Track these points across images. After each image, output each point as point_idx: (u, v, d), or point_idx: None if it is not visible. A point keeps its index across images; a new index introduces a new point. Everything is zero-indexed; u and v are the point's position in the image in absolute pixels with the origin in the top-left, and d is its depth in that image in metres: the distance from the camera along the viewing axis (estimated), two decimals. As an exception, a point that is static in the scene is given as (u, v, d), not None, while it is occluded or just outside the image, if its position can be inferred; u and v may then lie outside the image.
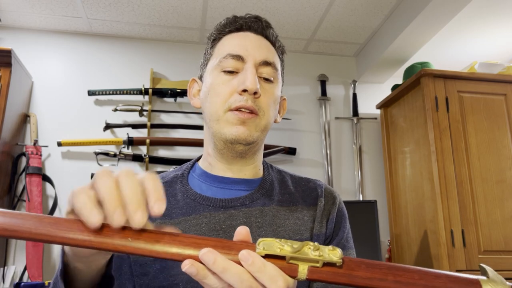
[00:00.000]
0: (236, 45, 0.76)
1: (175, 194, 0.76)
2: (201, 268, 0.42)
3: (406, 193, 2.32)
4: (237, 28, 0.79)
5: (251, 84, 0.71)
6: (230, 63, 0.74)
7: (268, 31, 0.80)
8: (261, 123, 0.74)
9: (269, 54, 0.77)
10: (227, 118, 0.72)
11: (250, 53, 0.74)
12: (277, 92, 0.78)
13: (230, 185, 0.76)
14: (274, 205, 0.76)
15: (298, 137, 2.68)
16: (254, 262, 0.42)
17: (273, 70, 0.76)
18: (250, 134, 0.72)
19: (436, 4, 2.05)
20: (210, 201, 0.74)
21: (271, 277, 0.41)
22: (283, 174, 0.84)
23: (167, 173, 0.83)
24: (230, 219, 0.72)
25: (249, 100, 0.71)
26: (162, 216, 0.73)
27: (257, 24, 0.79)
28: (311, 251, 0.41)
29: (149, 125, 2.45)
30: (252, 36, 0.78)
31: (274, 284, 0.41)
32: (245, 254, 0.42)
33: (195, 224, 0.71)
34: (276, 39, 0.82)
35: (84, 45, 2.59)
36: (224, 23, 0.80)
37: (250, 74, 0.72)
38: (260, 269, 0.41)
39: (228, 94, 0.73)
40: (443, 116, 2.08)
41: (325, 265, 0.41)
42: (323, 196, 0.80)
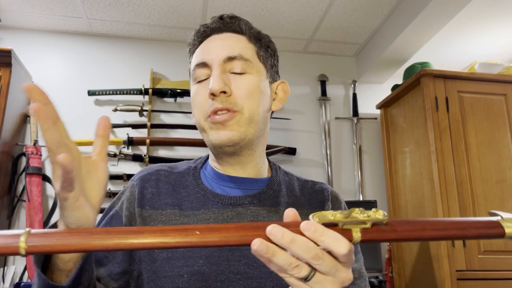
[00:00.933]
0: (199, 54, 0.77)
1: (187, 186, 0.78)
2: (270, 245, 0.43)
3: (406, 193, 2.32)
4: (204, 36, 0.79)
5: (213, 86, 0.70)
6: (198, 72, 0.75)
7: (235, 25, 0.78)
8: (243, 118, 0.72)
9: (232, 49, 0.75)
10: (209, 126, 0.73)
11: (213, 57, 0.74)
12: (253, 82, 0.75)
13: (238, 183, 0.77)
14: (281, 207, 0.77)
15: (298, 137, 2.68)
16: (317, 229, 0.44)
17: (241, 62, 0.74)
18: (233, 133, 0.71)
19: (436, 4, 2.05)
20: (219, 198, 0.75)
21: (334, 239, 0.44)
22: (290, 176, 0.85)
23: (181, 164, 0.84)
24: (238, 217, 0.73)
25: (219, 101, 0.71)
26: (173, 206, 0.74)
27: (220, 23, 0.78)
28: (359, 215, 0.45)
29: (149, 125, 2.45)
30: (216, 37, 0.77)
31: (339, 244, 0.44)
32: (306, 223, 0.44)
33: (203, 219, 0.72)
34: (246, 27, 0.79)
35: (84, 45, 2.59)
36: (193, 34, 0.80)
37: (213, 76, 0.72)
38: (323, 233, 0.44)
39: (204, 103, 0.73)
40: (443, 116, 2.08)
41: (373, 226, 0.45)
42: (330, 200, 0.82)
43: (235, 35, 0.78)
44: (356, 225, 0.45)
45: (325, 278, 0.45)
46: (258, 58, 0.78)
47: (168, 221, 0.72)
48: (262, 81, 0.77)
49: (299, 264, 0.44)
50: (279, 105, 0.82)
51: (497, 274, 1.90)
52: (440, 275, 1.91)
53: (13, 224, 2.23)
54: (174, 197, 0.75)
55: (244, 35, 0.78)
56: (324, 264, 0.44)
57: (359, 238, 0.45)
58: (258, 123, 0.75)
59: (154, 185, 0.77)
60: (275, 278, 0.69)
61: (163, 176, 0.78)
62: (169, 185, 0.77)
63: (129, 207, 0.75)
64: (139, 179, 0.78)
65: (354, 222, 0.45)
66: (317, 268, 0.45)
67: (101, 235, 0.42)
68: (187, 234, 0.43)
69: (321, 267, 0.44)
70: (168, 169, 0.80)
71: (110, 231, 0.43)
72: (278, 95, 0.82)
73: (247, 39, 0.78)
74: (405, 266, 2.29)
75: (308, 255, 0.44)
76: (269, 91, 0.79)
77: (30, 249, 0.40)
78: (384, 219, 0.45)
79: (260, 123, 0.75)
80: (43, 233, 0.41)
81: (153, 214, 0.73)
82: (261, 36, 0.81)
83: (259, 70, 0.77)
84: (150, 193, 0.76)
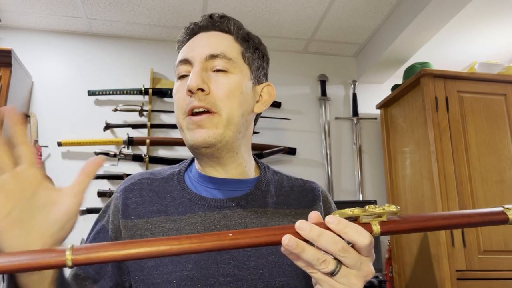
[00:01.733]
0: (184, 51, 0.75)
1: (171, 191, 0.76)
2: (299, 241, 0.46)
3: (406, 193, 2.32)
4: (192, 33, 0.78)
5: (191, 82, 0.69)
6: (180, 69, 0.74)
7: (223, 24, 0.77)
8: (221, 120, 0.70)
9: (216, 47, 0.73)
10: (185, 125, 0.71)
11: (195, 54, 0.73)
12: (235, 81, 0.73)
13: (225, 185, 0.76)
14: (269, 207, 0.76)
15: (298, 137, 2.68)
16: (340, 221, 0.47)
17: (225, 60, 0.72)
18: (208, 135, 0.69)
19: (436, 4, 2.05)
20: (205, 201, 0.74)
21: (357, 230, 0.47)
22: (279, 175, 0.84)
23: (164, 169, 0.83)
24: (225, 219, 0.72)
25: (197, 99, 0.69)
26: (158, 213, 0.73)
27: (208, 22, 0.77)
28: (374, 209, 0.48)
29: (149, 125, 2.45)
30: (202, 35, 0.76)
31: (362, 236, 0.46)
32: (330, 217, 0.47)
33: (189, 223, 0.71)
34: (235, 28, 0.77)
35: (84, 45, 2.59)
36: (182, 32, 0.80)
37: (192, 73, 0.71)
38: (346, 225, 0.46)
39: (182, 100, 0.72)
40: (443, 116, 2.08)
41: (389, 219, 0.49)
42: (321, 200, 0.81)
43: (221, 34, 0.76)
44: (374, 218, 0.48)
45: (350, 272, 0.48)
46: (243, 58, 0.76)
47: (154, 228, 0.71)
48: (244, 82, 0.74)
49: (326, 259, 0.47)
50: (263, 108, 0.79)
51: (497, 274, 1.90)
52: (440, 275, 1.91)
53: (13, 224, 2.23)
54: (159, 203, 0.74)
55: (231, 35, 0.77)
56: (349, 257, 0.47)
57: (378, 230, 0.48)
58: (237, 125, 0.72)
59: (138, 194, 0.75)
60: (265, 279, 0.68)
61: (146, 184, 0.77)
62: (152, 192, 0.76)
63: (113, 220, 0.74)
64: (121, 190, 0.77)
65: (372, 214, 0.48)
66: (343, 261, 0.47)
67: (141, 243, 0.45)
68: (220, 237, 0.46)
69: (347, 260, 0.47)
70: (150, 176, 0.79)
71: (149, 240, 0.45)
72: (263, 98, 0.79)
73: (234, 39, 0.76)
74: (405, 266, 2.29)
75: (335, 247, 0.46)
76: (252, 92, 0.76)
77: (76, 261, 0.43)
78: (398, 211, 0.48)
79: (240, 125, 0.73)
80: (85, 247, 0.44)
81: (138, 223, 0.72)
82: (250, 37, 0.79)
83: (242, 70, 0.75)
84: (134, 203, 0.74)
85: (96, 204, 2.30)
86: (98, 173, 2.34)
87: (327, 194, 0.85)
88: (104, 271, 0.72)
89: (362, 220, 0.48)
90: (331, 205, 0.83)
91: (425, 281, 2.07)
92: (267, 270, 0.69)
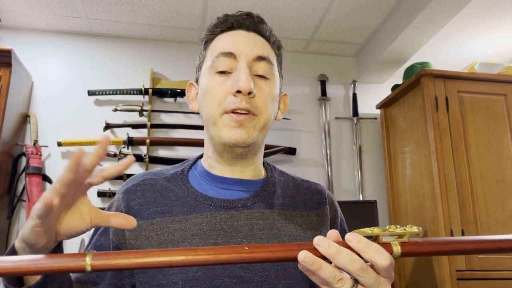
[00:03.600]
0: (227, 43, 0.74)
1: (175, 190, 0.76)
2: (316, 257, 0.45)
3: (406, 193, 2.32)
4: (228, 27, 0.77)
5: (245, 84, 0.68)
6: (222, 62, 0.72)
7: (261, 27, 0.78)
8: (259, 123, 0.72)
9: (262, 49, 0.74)
10: (223, 121, 0.71)
11: (242, 50, 0.72)
12: (274, 89, 0.75)
13: (232, 185, 0.75)
14: (275, 209, 0.75)
15: (298, 137, 2.68)
16: (361, 240, 0.45)
17: (268, 65, 0.74)
18: (248, 136, 0.70)
19: (436, 4, 2.05)
20: (212, 201, 0.73)
21: (378, 251, 0.45)
22: (285, 176, 0.83)
23: (167, 168, 0.82)
24: (231, 220, 0.71)
25: (244, 101, 0.69)
26: (162, 214, 0.73)
27: (248, 21, 0.77)
28: (395, 229, 0.46)
29: (149, 125, 2.45)
30: (243, 33, 0.76)
31: (381, 257, 0.45)
32: (350, 235, 0.46)
33: (195, 223, 0.71)
34: (271, 34, 0.79)
35: (84, 45, 2.59)
36: (215, 23, 0.78)
37: (243, 73, 0.70)
38: (367, 244, 0.45)
39: (223, 96, 0.71)
40: (443, 116, 2.08)
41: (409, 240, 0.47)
42: (327, 204, 0.81)
43: (261, 38, 0.77)
44: (395, 239, 0.46)
45: None
46: (277, 66, 0.78)
47: (159, 229, 0.71)
48: (277, 90, 0.77)
49: (343, 277, 0.45)
50: (280, 116, 0.82)
51: (497, 274, 1.90)
52: (440, 275, 1.91)
53: (13, 224, 2.23)
54: (163, 204, 0.74)
55: (268, 41, 0.78)
56: (367, 276, 0.45)
57: (399, 251, 0.46)
58: (268, 130, 0.75)
59: (141, 195, 0.75)
60: (271, 281, 0.68)
61: (148, 185, 0.76)
62: (156, 193, 0.75)
63: None
64: (124, 192, 0.76)
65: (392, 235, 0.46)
66: (361, 281, 0.45)
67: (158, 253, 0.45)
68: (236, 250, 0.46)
69: (365, 280, 0.45)
70: (153, 177, 0.78)
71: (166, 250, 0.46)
72: (280, 106, 0.82)
73: (270, 46, 0.78)
74: (405, 266, 2.29)
75: (353, 266, 0.45)
76: (278, 100, 0.79)
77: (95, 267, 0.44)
78: (420, 232, 0.46)
79: (268, 130, 0.76)
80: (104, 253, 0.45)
81: (143, 224, 0.72)
82: (280, 45, 0.81)
83: (277, 78, 0.77)
84: (137, 204, 0.74)
85: (96, 204, 2.30)
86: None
87: (333, 197, 0.85)
88: (105, 274, 0.72)
89: (382, 240, 0.47)
90: (337, 208, 0.83)
91: (425, 281, 2.07)
92: (273, 272, 0.68)
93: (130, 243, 0.71)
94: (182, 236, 0.70)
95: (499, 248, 0.48)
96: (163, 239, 0.70)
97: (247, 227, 0.71)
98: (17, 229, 2.23)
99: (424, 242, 0.47)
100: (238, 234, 0.70)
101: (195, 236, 0.69)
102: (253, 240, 0.70)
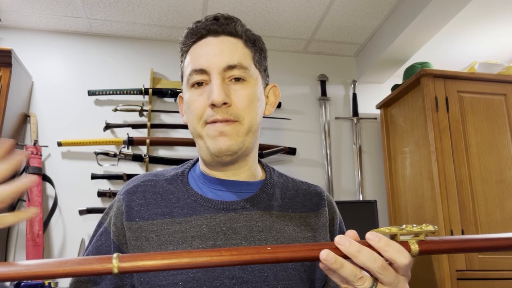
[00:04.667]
0: (198, 57, 0.73)
1: (175, 192, 0.76)
2: (338, 256, 0.46)
3: (406, 193, 2.32)
4: (199, 36, 0.75)
5: (216, 98, 0.68)
6: (195, 78, 0.73)
7: (230, 27, 0.75)
8: (242, 128, 0.71)
9: (232, 56, 0.72)
10: (206, 132, 0.71)
11: (212, 62, 0.71)
12: (252, 89, 0.74)
13: (230, 187, 0.76)
14: (274, 211, 0.75)
15: (298, 137, 2.68)
16: (381, 239, 0.46)
17: (242, 70, 0.73)
18: (232, 143, 0.70)
19: (436, 4, 2.05)
20: (211, 203, 0.73)
21: (398, 250, 0.46)
22: (284, 178, 0.84)
23: (167, 170, 0.82)
24: (231, 222, 0.72)
25: (220, 113, 0.70)
26: (163, 215, 0.73)
27: (216, 25, 0.75)
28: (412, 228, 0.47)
29: (149, 125, 2.45)
30: (212, 41, 0.74)
31: (402, 255, 0.46)
32: (371, 234, 0.47)
33: (195, 225, 0.71)
34: (242, 31, 0.76)
35: (84, 45, 2.59)
36: (186, 33, 0.77)
37: (214, 86, 0.70)
38: (387, 243, 0.46)
39: (201, 110, 0.71)
40: (443, 116, 2.08)
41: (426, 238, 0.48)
42: (326, 205, 0.81)
43: (232, 39, 0.75)
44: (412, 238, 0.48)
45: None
46: (254, 64, 0.76)
47: (159, 231, 0.71)
48: (258, 88, 0.76)
49: (363, 275, 0.46)
50: (271, 110, 0.81)
51: (497, 274, 1.90)
52: (440, 275, 1.91)
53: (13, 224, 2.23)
54: (164, 205, 0.74)
55: (241, 39, 0.76)
56: (387, 275, 0.46)
57: (417, 249, 0.47)
58: (256, 132, 0.75)
59: (141, 196, 0.75)
60: (270, 282, 0.68)
61: (149, 186, 0.77)
62: (156, 194, 0.76)
63: (116, 223, 0.74)
64: (125, 193, 0.77)
65: (409, 233, 0.47)
66: (381, 279, 0.47)
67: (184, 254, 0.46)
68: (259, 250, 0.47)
69: (384, 278, 0.46)
70: (154, 178, 0.79)
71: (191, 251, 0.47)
72: (269, 99, 0.81)
73: (243, 43, 0.75)
74: (405, 266, 2.28)
75: (374, 264, 0.46)
76: (264, 96, 0.78)
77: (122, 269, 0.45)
78: (436, 230, 0.48)
79: (257, 131, 0.75)
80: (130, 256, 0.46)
81: (143, 225, 0.72)
82: (255, 38, 0.78)
83: (256, 77, 0.75)
84: (138, 205, 0.74)
85: (96, 204, 2.30)
86: (98, 173, 2.34)
87: (332, 199, 0.85)
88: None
89: (399, 239, 0.48)
90: (335, 209, 0.83)
91: (425, 281, 2.07)
92: (272, 273, 0.69)
93: (131, 244, 0.72)
94: (182, 238, 0.70)
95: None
96: (163, 240, 0.70)
97: (246, 228, 0.71)
98: (17, 229, 2.23)
99: (440, 240, 0.48)
100: (238, 236, 0.70)
101: (195, 237, 0.70)
102: (252, 242, 0.71)
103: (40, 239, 2.14)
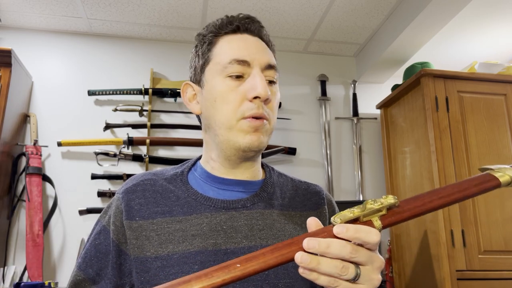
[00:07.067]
0: (239, 48, 0.74)
1: (175, 191, 0.76)
2: (312, 256, 0.46)
3: (406, 193, 2.32)
4: (234, 30, 0.76)
5: (263, 91, 0.70)
6: (236, 68, 0.72)
7: (263, 32, 0.79)
8: (269, 128, 0.74)
9: (270, 57, 0.76)
10: (240, 127, 0.71)
11: (255, 57, 0.73)
12: (279, 94, 0.78)
13: (232, 186, 0.76)
14: (275, 209, 0.76)
15: (298, 137, 2.68)
16: (349, 228, 0.47)
17: (275, 72, 0.76)
18: (262, 140, 0.72)
19: (436, 4, 2.05)
20: (212, 202, 0.74)
21: (366, 232, 0.48)
22: (284, 177, 0.84)
23: (166, 169, 0.83)
24: (231, 220, 0.72)
25: (261, 107, 0.71)
26: (163, 214, 0.73)
27: (253, 26, 0.77)
28: (373, 205, 0.48)
29: (149, 125, 2.45)
30: (250, 38, 0.76)
31: (372, 235, 0.48)
32: (337, 227, 0.48)
33: (195, 224, 0.71)
34: (269, 39, 0.81)
35: (84, 45, 2.59)
36: (219, 24, 0.77)
37: (260, 80, 0.71)
38: (356, 230, 0.47)
39: (239, 102, 0.71)
40: (443, 116, 2.08)
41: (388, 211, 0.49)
42: (325, 204, 0.82)
43: (264, 43, 0.78)
44: (374, 214, 0.49)
45: (368, 269, 0.49)
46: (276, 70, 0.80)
47: (160, 229, 0.71)
48: None
49: (345, 264, 0.47)
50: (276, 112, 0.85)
51: (497, 274, 1.90)
52: (440, 275, 1.91)
53: (13, 224, 2.23)
54: (164, 204, 0.74)
55: (269, 47, 0.79)
56: (361, 255, 0.48)
57: (380, 225, 0.49)
58: None
59: (141, 195, 0.75)
60: (271, 280, 0.68)
61: (149, 185, 0.77)
62: (156, 193, 0.76)
63: (115, 221, 0.74)
64: (124, 192, 0.77)
65: (372, 212, 0.49)
66: (357, 261, 0.48)
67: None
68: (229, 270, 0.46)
69: (360, 259, 0.48)
70: (153, 177, 0.79)
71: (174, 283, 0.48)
72: None
73: (271, 51, 0.79)
74: (405, 266, 2.29)
75: (345, 251, 0.47)
76: None
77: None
78: (396, 202, 0.49)
79: None
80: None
81: (143, 224, 0.72)
82: (274, 51, 0.82)
83: (278, 81, 0.79)
84: (138, 204, 0.74)
85: (96, 204, 2.30)
86: (98, 173, 2.34)
87: (331, 198, 0.86)
88: (104, 272, 0.72)
89: (363, 219, 0.49)
90: (335, 208, 0.84)
91: (425, 281, 2.07)
92: (273, 272, 0.69)
93: (131, 243, 0.72)
94: (182, 236, 0.70)
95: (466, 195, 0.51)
96: (164, 239, 0.70)
97: (247, 227, 0.72)
98: (17, 229, 2.23)
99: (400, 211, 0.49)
100: (238, 235, 0.71)
101: (195, 236, 0.70)
102: (253, 241, 0.71)
103: (40, 239, 2.14)
